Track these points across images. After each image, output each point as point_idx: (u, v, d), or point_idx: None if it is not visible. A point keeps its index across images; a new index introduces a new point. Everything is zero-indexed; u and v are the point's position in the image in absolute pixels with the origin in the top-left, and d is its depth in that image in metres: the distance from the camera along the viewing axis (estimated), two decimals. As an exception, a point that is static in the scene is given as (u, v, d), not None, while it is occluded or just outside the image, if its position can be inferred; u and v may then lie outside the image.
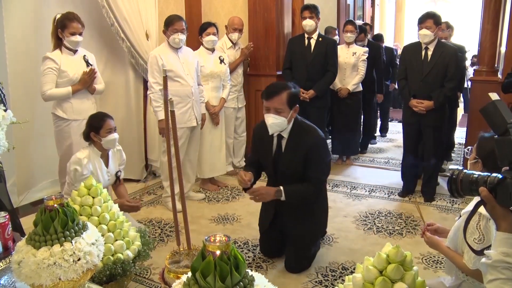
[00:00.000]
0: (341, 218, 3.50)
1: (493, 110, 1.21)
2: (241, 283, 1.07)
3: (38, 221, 1.47)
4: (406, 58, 3.86)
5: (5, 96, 2.50)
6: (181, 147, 3.50)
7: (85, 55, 3.33)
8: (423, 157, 3.85)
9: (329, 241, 3.10)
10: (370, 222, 3.43)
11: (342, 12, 7.07)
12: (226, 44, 4.45)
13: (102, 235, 1.72)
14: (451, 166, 4.81)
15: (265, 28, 4.68)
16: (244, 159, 4.74)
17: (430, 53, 3.67)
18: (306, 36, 4.39)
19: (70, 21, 3.16)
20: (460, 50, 4.21)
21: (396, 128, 6.87)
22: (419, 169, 4.02)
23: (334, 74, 4.43)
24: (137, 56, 4.10)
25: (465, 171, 1.26)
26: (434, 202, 3.83)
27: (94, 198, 2.23)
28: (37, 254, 1.42)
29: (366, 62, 4.82)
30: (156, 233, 3.26)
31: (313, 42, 4.37)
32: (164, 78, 2.05)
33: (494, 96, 1.24)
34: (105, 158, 2.86)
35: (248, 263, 2.79)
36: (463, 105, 7.69)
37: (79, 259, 1.45)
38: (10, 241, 1.87)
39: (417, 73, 3.72)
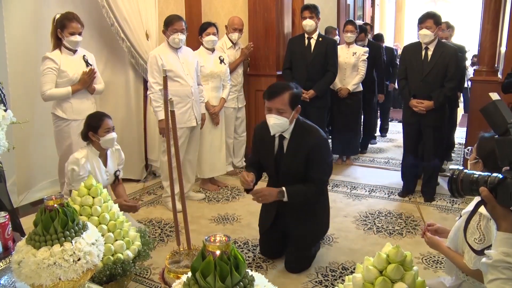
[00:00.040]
0: (341, 218, 3.50)
1: (493, 110, 1.21)
2: (241, 283, 1.07)
3: (38, 221, 1.47)
4: (406, 58, 3.86)
5: (5, 96, 2.50)
6: (180, 147, 3.50)
7: (84, 55, 3.33)
8: (423, 157, 3.85)
9: (329, 241, 3.10)
10: (370, 222, 3.42)
11: (342, 12, 7.08)
12: (226, 44, 4.45)
13: (102, 235, 1.72)
14: (451, 166, 4.80)
15: (265, 28, 4.68)
16: (244, 159, 4.74)
17: (430, 53, 3.66)
18: (306, 36, 4.39)
19: (70, 21, 3.16)
20: (460, 50, 4.20)
21: (396, 128, 6.86)
22: (419, 169, 4.02)
23: (334, 74, 4.42)
24: (137, 56, 4.10)
25: (465, 171, 1.26)
26: (434, 202, 3.82)
27: (94, 198, 2.23)
28: (37, 254, 1.42)
29: (366, 62, 4.82)
30: (156, 233, 3.26)
31: (313, 42, 4.37)
32: (164, 78, 2.05)
33: (494, 96, 1.24)
34: (103, 157, 2.86)
35: (248, 263, 2.79)
36: (463, 105, 7.68)
37: (79, 259, 1.45)
38: (10, 241, 1.87)
39: (417, 73, 3.71)
